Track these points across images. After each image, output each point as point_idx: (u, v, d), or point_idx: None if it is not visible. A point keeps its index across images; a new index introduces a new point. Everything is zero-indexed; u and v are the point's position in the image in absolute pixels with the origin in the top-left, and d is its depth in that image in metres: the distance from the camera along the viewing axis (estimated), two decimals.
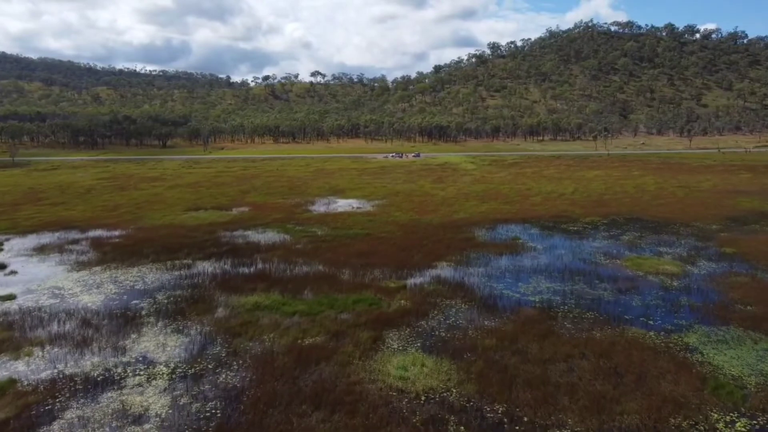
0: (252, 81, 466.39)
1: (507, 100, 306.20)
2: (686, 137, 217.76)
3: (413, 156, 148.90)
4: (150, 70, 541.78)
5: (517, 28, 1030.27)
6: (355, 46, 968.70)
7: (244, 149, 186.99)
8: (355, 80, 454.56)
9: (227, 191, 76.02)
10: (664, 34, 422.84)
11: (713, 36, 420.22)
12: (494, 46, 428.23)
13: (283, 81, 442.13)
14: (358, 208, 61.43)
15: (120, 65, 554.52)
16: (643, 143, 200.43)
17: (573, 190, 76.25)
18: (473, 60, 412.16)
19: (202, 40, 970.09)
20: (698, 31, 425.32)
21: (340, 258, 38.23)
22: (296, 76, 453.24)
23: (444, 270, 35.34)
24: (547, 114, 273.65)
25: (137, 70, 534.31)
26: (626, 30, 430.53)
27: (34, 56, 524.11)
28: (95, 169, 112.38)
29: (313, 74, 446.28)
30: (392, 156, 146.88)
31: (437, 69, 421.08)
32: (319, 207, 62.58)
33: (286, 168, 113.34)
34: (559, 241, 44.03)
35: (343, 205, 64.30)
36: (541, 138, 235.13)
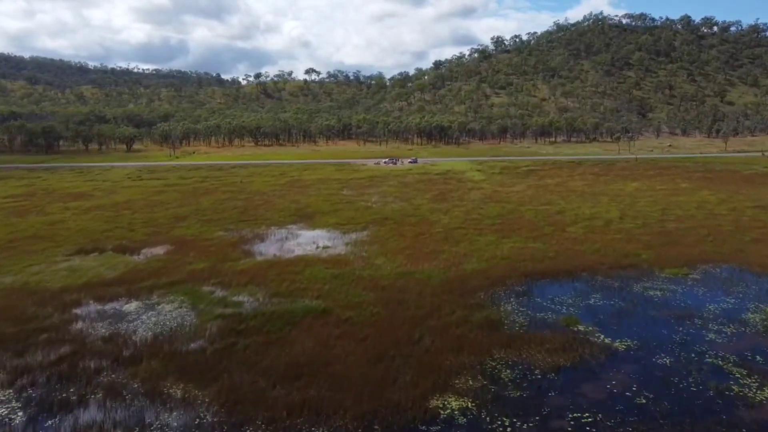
0: (243, 79, 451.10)
1: (513, 97, 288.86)
2: (716, 138, 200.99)
3: (409, 162, 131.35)
4: (143, 69, 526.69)
5: (517, 27, 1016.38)
6: (354, 45, 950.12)
7: (218, 153, 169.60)
8: (351, 78, 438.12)
9: (157, 217, 58.53)
10: (679, 26, 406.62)
11: (732, 29, 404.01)
12: (498, 41, 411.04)
13: (276, 79, 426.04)
14: (325, 248, 44.05)
15: (118, 65, 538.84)
16: (669, 145, 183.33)
17: (620, 213, 58.91)
18: (475, 55, 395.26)
19: (200, 39, 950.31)
20: (716, 23, 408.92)
21: (256, 384, 20.90)
22: (290, 74, 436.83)
23: (454, 430, 17.97)
24: (557, 113, 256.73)
25: (129, 68, 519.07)
26: (639, 23, 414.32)
27: (26, 55, 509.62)
28: (19, 181, 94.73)
29: (308, 72, 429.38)
30: (385, 162, 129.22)
31: (437, 65, 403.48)
32: (270, 246, 45.13)
33: (253, 179, 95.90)
34: (647, 329, 26.64)
35: (305, 241, 46.90)
36: (552, 139, 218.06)
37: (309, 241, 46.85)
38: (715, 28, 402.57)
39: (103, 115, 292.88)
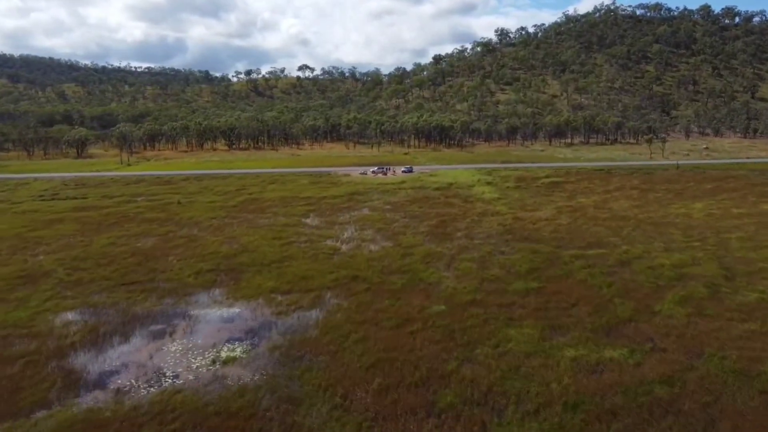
0: (234, 76, 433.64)
1: (521, 94, 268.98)
2: (755, 139, 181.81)
3: (403, 171, 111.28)
4: (134, 67, 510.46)
5: (518, 25, 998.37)
6: (353, 43, 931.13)
7: (181, 160, 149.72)
8: (347, 74, 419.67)
9: None
10: (698, 17, 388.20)
11: (756, 19, 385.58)
12: (502, 33, 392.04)
13: (267, 76, 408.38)
14: (227, 362, 24.43)
15: (113, 63, 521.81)
16: (706, 147, 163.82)
17: (718, 265, 39.16)
18: (478, 49, 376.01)
19: (198, 38, 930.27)
20: (738, 13, 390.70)
21: None
22: (282, 71, 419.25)
23: None
24: (570, 110, 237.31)
25: (121, 66, 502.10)
26: (655, 13, 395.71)
27: (16, 53, 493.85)
28: None
29: (301, 68, 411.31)
30: (373, 172, 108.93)
31: (437, 59, 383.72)
32: (127, 357, 25.36)
33: (198, 198, 76.00)
34: None
35: (202, 341, 27.23)
36: (569, 141, 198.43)
37: (208, 341, 27.09)
38: (738, 19, 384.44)
39: (68, 114, 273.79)
